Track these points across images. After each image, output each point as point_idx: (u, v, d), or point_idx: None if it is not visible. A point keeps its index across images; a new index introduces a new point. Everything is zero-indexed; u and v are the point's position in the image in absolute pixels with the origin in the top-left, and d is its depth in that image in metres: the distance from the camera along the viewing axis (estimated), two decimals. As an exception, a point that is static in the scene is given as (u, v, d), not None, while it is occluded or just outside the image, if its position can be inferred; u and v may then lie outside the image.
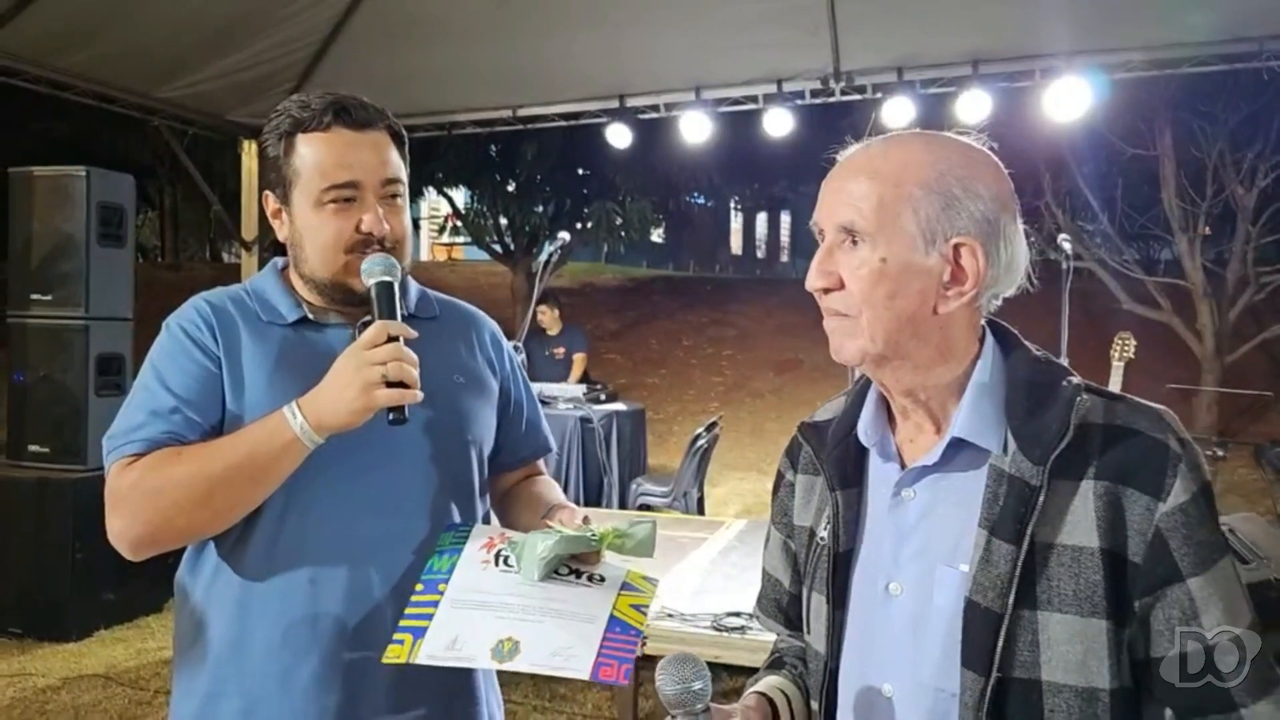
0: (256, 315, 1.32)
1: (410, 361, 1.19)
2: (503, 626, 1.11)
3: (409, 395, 1.18)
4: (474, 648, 1.10)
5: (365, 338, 1.20)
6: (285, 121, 1.29)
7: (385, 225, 1.28)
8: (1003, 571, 0.89)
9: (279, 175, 1.30)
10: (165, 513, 1.19)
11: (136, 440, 1.22)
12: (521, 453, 1.51)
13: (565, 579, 1.17)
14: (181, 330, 1.29)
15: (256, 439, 1.19)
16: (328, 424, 1.18)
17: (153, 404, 1.24)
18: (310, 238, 1.29)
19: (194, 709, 1.28)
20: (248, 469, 1.19)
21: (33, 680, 3.87)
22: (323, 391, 1.19)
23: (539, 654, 1.08)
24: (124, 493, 1.20)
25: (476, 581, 1.18)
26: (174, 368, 1.26)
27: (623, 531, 1.18)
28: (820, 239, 0.98)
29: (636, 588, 1.19)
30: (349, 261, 1.28)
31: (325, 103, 1.29)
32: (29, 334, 4.54)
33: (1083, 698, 0.88)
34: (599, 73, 5.50)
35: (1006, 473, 0.92)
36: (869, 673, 0.99)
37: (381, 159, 1.30)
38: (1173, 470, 0.89)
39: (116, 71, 5.04)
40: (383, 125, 1.33)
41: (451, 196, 14.18)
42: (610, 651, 1.08)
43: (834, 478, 1.03)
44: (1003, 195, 0.96)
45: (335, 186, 1.27)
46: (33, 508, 4.39)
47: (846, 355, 0.97)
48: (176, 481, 1.19)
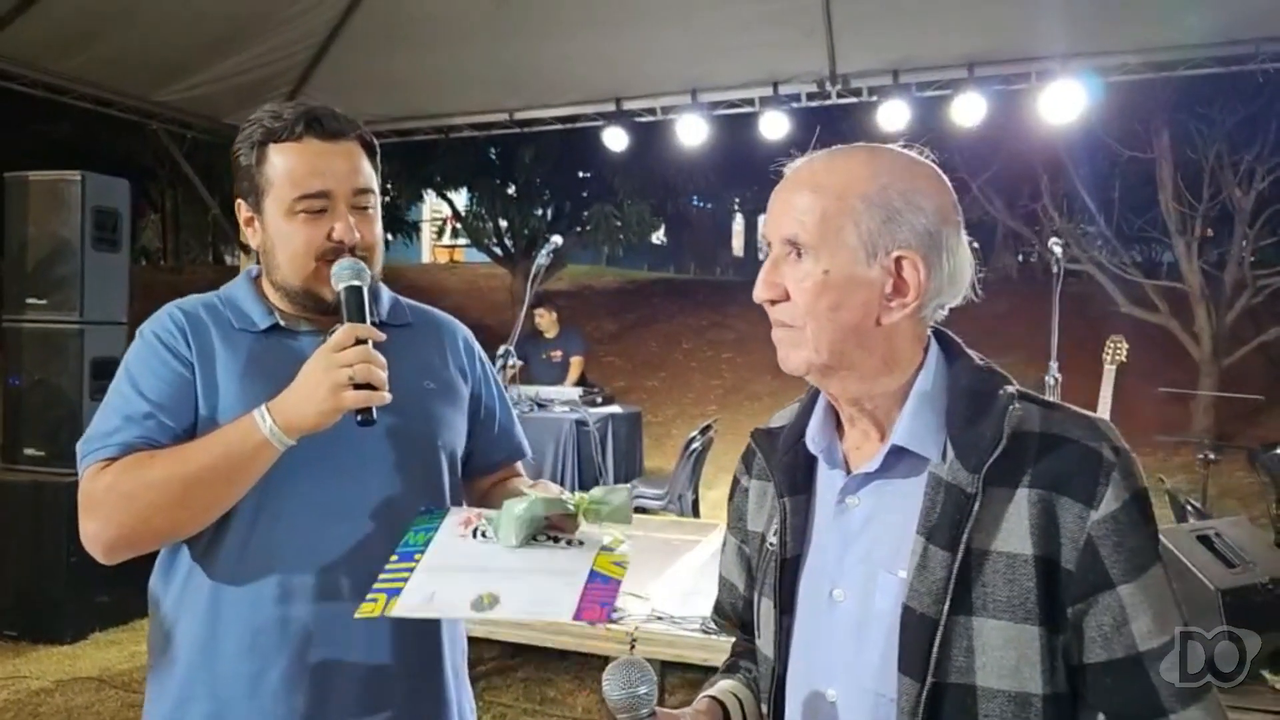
0: (229, 322, 1.33)
1: (378, 364, 1.20)
2: (481, 584, 1.10)
3: (376, 397, 1.19)
4: (451, 600, 1.10)
5: (333, 340, 1.21)
6: (258, 131, 1.31)
7: (356, 234, 1.29)
8: (939, 578, 0.90)
9: (251, 184, 1.32)
10: (140, 514, 1.21)
11: (111, 445, 1.23)
12: (495, 456, 1.52)
13: (543, 544, 1.17)
14: (155, 337, 1.31)
15: (228, 441, 1.21)
16: (296, 425, 1.19)
17: (127, 409, 1.26)
18: (281, 245, 1.30)
19: (165, 712, 1.29)
20: (221, 470, 1.20)
21: (27, 682, 3.88)
22: (292, 394, 1.20)
23: (519, 603, 1.08)
24: (99, 496, 1.22)
25: (455, 549, 1.18)
26: (148, 373, 1.28)
27: (598, 499, 1.18)
28: (767, 251, 0.99)
29: (615, 549, 1.19)
30: (319, 269, 1.29)
31: (297, 114, 1.30)
32: (24, 338, 4.55)
33: (1016, 703, 0.89)
34: (595, 76, 5.52)
35: (944, 480, 0.93)
36: (814, 677, 1.00)
37: (353, 168, 1.32)
38: (1105, 478, 0.90)
39: (114, 75, 5.07)
40: (354, 136, 1.34)
41: (451, 199, 14.21)
42: (592, 596, 1.08)
43: (783, 484, 1.05)
44: (944, 208, 0.97)
45: (307, 196, 1.28)
46: (28, 511, 4.41)
47: (792, 365, 0.98)
48: (150, 483, 1.20)
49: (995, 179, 10.48)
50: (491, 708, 3.59)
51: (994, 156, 9.76)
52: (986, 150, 9.38)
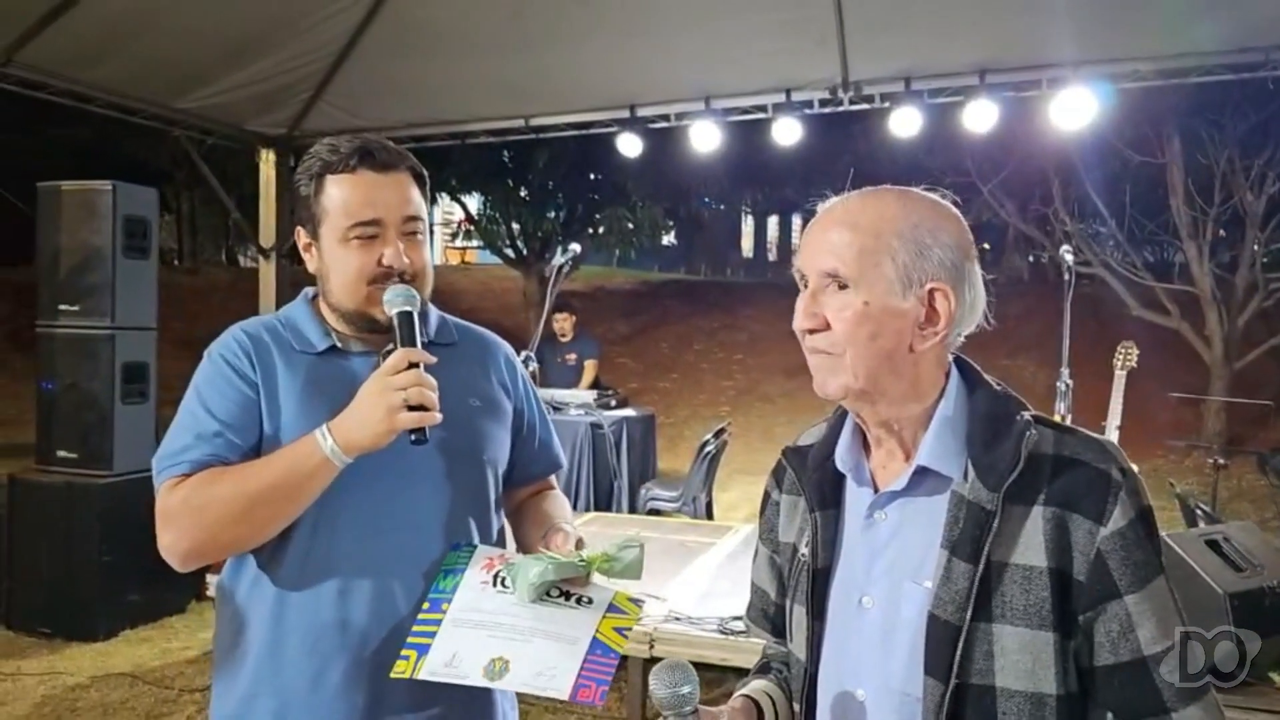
0: (289, 344, 1.43)
1: (429, 386, 1.29)
2: (495, 646, 1.22)
3: (429, 418, 1.28)
4: (468, 666, 1.22)
5: (388, 364, 1.30)
6: (316, 165, 1.40)
7: (405, 259, 1.38)
8: (961, 588, 0.98)
9: (309, 213, 1.41)
10: (210, 529, 1.31)
11: (184, 462, 1.33)
12: (534, 470, 1.62)
13: (555, 600, 1.28)
14: (223, 359, 1.40)
15: (291, 460, 1.30)
16: (355, 445, 1.29)
17: (198, 428, 1.35)
18: (336, 270, 1.40)
19: (233, 708, 1.39)
20: (283, 487, 1.30)
21: (62, 679, 3.99)
22: (350, 415, 1.30)
23: (525, 673, 1.19)
24: (173, 510, 1.31)
25: (476, 601, 1.29)
26: (215, 394, 1.37)
27: (611, 556, 1.28)
28: (803, 284, 1.07)
29: (622, 609, 1.29)
30: (371, 293, 1.38)
31: (352, 147, 1.39)
32: (57, 343, 4.66)
33: (1032, 702, 0.97)
34: (609, 83, 5.57)
35: (966, 498, 1.01)
36: (844, 678, 1.08)
37: (403, 198, 1.41)
38: (1114, 497, 0.98)
39: (137, 84, 5.16)
40: (405, 167, 1.43)
41: (465, 202, 14.31)
42: (589, 674, 1.19)
43: (814, 499, 1.13)
44: (965, 244, 1.06)
45: (360, 224, 1.37)
46: (61, 511, 4.52)
47: (830, 390, 1.06)
48: (219, 499, 1.30)
49: (1006, 182, 10.51)
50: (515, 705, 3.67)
51: (1005, 160, 9.79)
52: (998, 154, 9.41)
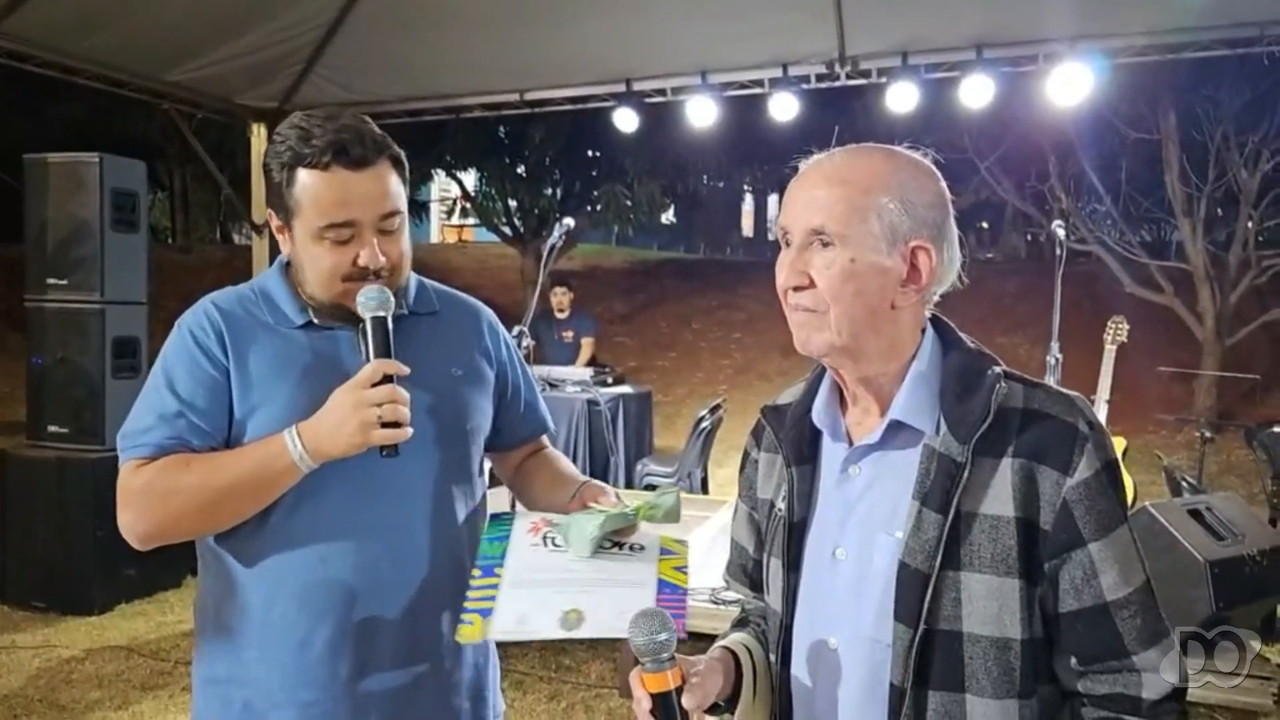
0: (265, 317, 1.39)
1: (403, 401, 1.27)
2: (565, 599, 1.22)
3: (401, 434, 1.27)
4: (541, 621, 1.20)
5: (362, 376, 1.28)
6: (287, 153, 1.32)
7: (381, 258, 1.34)
8: (931, 537, 1.00)
9: (281, 201, 1.35)
10: (172, 516, 1.31)
11: (145, 444, 1.32)
12: (522, 433, 1.62)
13: (610, 552, 1.30)
14: (191, 336, 1.37)
15: (258, 460, 1.29)
16: (324, 454, 1.28)
17: (160, 407, 1.33)
18: (310, 266, 1.36)
19: (217, 669, 1.39)
20: (249, 485, 1.30)
21: (58, 651, 4.02)
22: (321, 424, 1.28)
23: (605, 618, 1.18)
24: (134, 493, 1.31)
25: (531, 561, 1.29)
26: (181, 372, 1.35)
27: (653, 503, 1.30)
28: (785, 242, 1.07)
29: (672, 550, 1.33)
30: (346, 289, 1.34)
31: (326, 141, 1.30)
32: (46, 317, 4.65)
33: (997, 646, 0.99)
34: (606, 57, 5.53)
35: (937, 451, 1.02)
36: (817, 628, 1.10)
37: (380, 193, 1.34)
38: (1080, 449, 1.00)
39: (126, 56, 5.10)
40: (383, 156, 1.35)
41: (461, 179, 14.24)
42: (666, 606, 1.17)
43: (791, 455, 1.14)
44: (944, 200, 1.07)
45: (333, 226, 1.32)
46: (54, 486, 4.53)
47: (813, 347, 1.07)
48: (183, 490, 1.30)
49: (1003, 159, 10.48)
50: (509, 675, 3.71)
51: (1002, 137, 9.76)
52: (995, 131, 9.38)
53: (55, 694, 3.63)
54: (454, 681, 1.45)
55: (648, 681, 1.00)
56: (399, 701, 1.38)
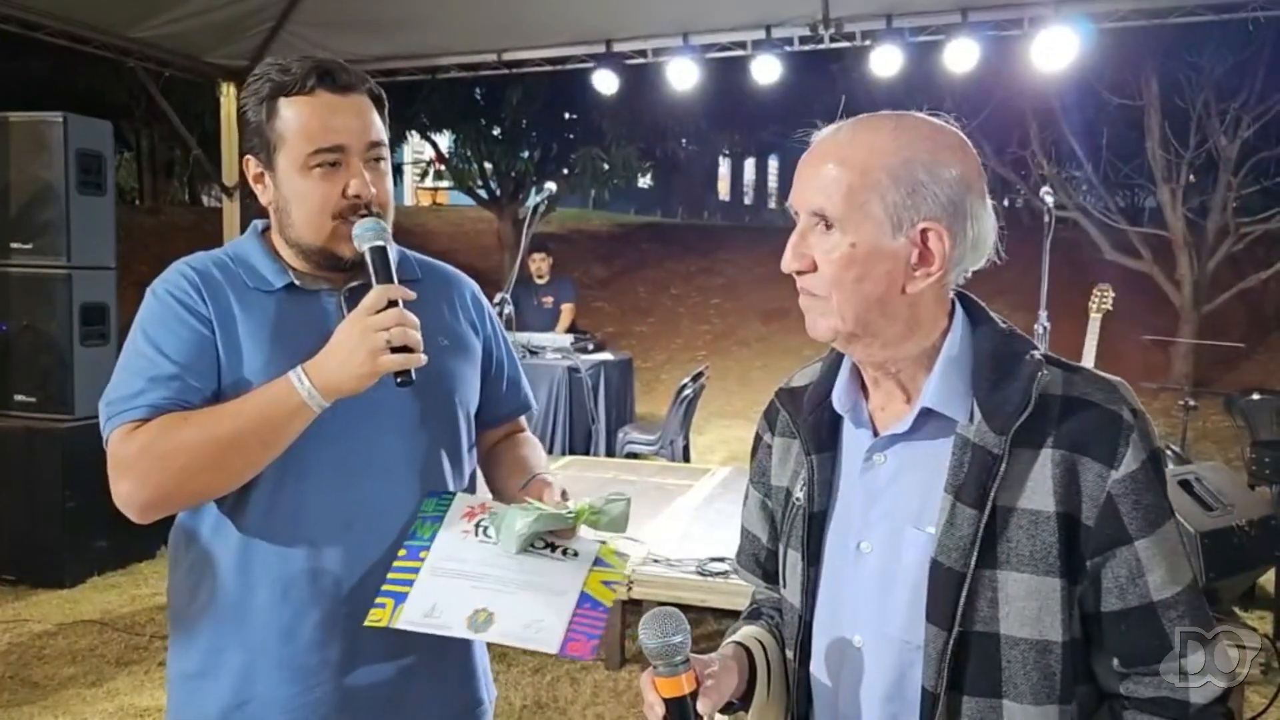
0: (243, 281, 1.32)
1: (412, 325, 1.21)
2: (479, 597, 1.16)
3: (414, 359, 1.20)
4: (450, 616, 1.15)
5: (367, 302, 1.21)
6: (265, 86, 1.27)
7: (372, 189, 1.28)
8: (966, 534, 0.94)
9: (261, 140, 1.29)
10: (176, 477, 1.21)
11: (140, 406, 1.23)
12: (503, 411, 1.54)
13: (541, 552, 1.23)
14: (171, 295, 1.29)
15: (264, 403, 1.21)
16: (335, 388, 1.20)
17: (151, 370, 1.24)
18: (297, 203, 1.29)
19: (194, 663, 1.32)
20: (257, 433, 1.21)
21: (29, 626, 3.93)
22: (329, 357, 1.20)
23: (512, 626, 1.13)
24: (132, 457, 1.21)
25: (456, 550, 1.23)
26: (168, 334, 1.26)
27: (598, 508, 1.22)
28: (796, 220, 1.01)
29: (608, 563, 1.24)
30: (336, 227, 1.28)
31: (307, 66, 1.27)
32: (11, 282, 4.50)
33: (1037, 649, 0.94)
34: (586, 17, 5.42)
35: (971, 441, 0.96)
36: (840, 625, 1.05)
37: (365, 122, 1.30)
38: (1125, 440, 0.94)
39: (88, 11, 4.92)
40: (364, 89, 1.32)
41: (435, 141, 13.98)
42: (579, 627, 1.15)
43: (809, 442, 1.08)
44: (969, 175, 0.98)
45: (322, 150, 1.26)
46: (23, 457, 4.42)
47: (819, 332, 1.01)
48: (187, 446, 1.20)
49: (985, 125, 10.37)
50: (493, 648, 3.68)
51: (985, 102, 9.69)
52: (978, 96, 9.30)
53: (27, 670, 3.55)
54: (445, 669, 1.40)
55: (661, 686, 0.95)
56: (390, 693, 1.32)
